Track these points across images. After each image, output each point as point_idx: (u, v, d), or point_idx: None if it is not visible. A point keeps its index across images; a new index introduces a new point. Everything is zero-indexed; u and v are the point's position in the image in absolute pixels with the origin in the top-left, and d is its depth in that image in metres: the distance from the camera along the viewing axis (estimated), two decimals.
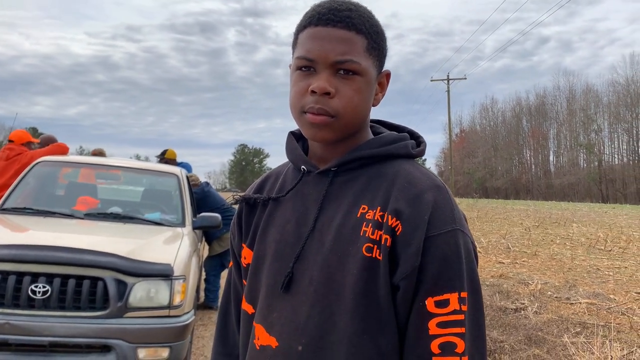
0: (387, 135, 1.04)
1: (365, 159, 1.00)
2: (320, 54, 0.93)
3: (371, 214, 0.94)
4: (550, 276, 7.55)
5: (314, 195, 1.01)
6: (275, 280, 1.00)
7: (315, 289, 0.94)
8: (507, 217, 18.27)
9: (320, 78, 0.94)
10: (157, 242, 3.76)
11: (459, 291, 0.89)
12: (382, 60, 1.02)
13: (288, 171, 1.11)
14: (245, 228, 1.12)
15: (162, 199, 5.07)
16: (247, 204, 1.13)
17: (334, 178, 1.01)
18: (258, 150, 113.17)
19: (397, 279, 0.90)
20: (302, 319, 0.94)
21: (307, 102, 0.95)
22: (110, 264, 3.18)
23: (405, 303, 0.91)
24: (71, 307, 3.10)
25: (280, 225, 1.03)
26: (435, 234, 0.89)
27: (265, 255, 1.04)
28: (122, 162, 5.43)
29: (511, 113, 66.78)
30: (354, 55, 0.94)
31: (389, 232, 0.91)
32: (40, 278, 3.10)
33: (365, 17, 0.98)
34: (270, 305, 1.00)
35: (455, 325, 0.88)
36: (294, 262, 0.97)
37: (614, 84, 54.13)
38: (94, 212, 4.36)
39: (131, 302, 3.19)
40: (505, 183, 63.91)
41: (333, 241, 0.95)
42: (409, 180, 0.96)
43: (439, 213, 0.91)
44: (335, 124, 0.95)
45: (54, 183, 5.01)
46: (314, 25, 0.96)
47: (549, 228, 14.20)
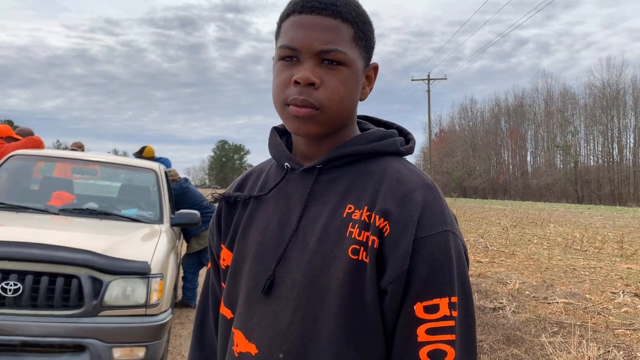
0: (374, 132, 0.99)
1: (352, 155, 0.95)
2: (304, 42, 0.88)
3: (357, 213, 0.89)
4: (528, 276, 7.62)
5: (297, 194, 0.95)
6: (255, 283, 0.94)
7: (298, 293, 0.88)
8: (485, 217, 18.45)
9: (304, 68, 0.88)
10: (134, 239, 3.68)
11: (450, 296, 0.84)
12: (370, 52, 0.97)
13: (271, 169, 1.05)
14: (224, 228, 1.06)
15: (139, 195, 4.97)
16: (227, 202, 1.06)
17: (318, 176, 0.95)
18: (238, 146, 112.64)
19: (385, 282, 0.85)
20: (284, 324, 0.89)
21: (291, 94, 0.89)
22: (85, 261, 3.09)
23: (393, 308, 0.85)
24: (44, 305, 3.01)
25: (261, 225, 0.97)
26: (425, 235, 0.84)
27: (245, 257, 0.98)
28: (99, 157, 5.31)
29: (490, 114, 67.54)
30: (340, 44, 0.89)
31: (376, 233, 0.86)
32: (12, 275, 3.00)
33: (352, 6, 0.93)
34: (250, 310, 0.94)
35: (445, 332, 0.83)
36: (276, 265, 0.91)
37: (591, 86, 55.11)
38: (69, 208, 4.25)
39: (107, 300, 3.11)
40: (483, 183, 64.62)
41: (317, 242, 0.89)
42: (397, 178, 0.90)
43: (429, 213, 0.86)
44: (320, 117, 0.89)
45: (28, 177, 4.88)
46: (297, 12, 0.90)
47: (526, 228, 14.37)
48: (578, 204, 38.92)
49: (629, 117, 51.96)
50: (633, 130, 51.20)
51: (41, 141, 5.58)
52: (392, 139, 0.98)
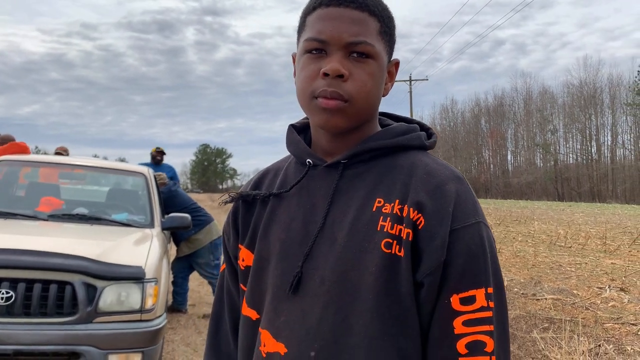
0: (398, 126, 0.99)
1: (377, 150, 0.94)
2: (333, 34, 0.87)
3: (388, 207, 0.88)
4: (516, 273, 7.70)
5: (322, 190, 0.94)
6: (282, 281, 0.92)
7: (328, 289, 0.87)
8: None
9: (332, 60, 0.87)
10: (126, 244, 3.63)
11: (486, 287, 0.84)
12: (392, 47, 0.97)
13: (289, 166, 1.04)
14: (242, 228, 1.04)
15: (129, 199, 4.92)
16: (245, 202, 1.04)
17: (343, 171, 0.94)
18: (220, 150, 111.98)
19: (421, 275, 0.85)
20: (314, 322, 0.87)
21: (319, 86, 0.88)
22: (79, 267, 3.04)
23: (429, 300, 0.85)
24: (37, 313, 2.96)
25: (284, 222, 0.96)
26: (459, 226, 0.85)
27: (269, 256, 0.96)
28: (86, 161, 5.24)
29: (470, 114, 68.12)
30: (368, 37, 0.89)
31: (411, 226, 0.85)
32: (3, 283, 2.94)
33: (377, 0, 0.93)
34: (277, 308, 0.92)
35: (483, 323, 0.83)
36: (303, 261, 0.90)
37: (569, 85, 55.86)
38: (58, 213, 4.19)
39: (101, 306, 3.07)
40: None
41: (347, 237, 0.88)
42: (427, 171, 0.90)
43: (462, 205, 0.86)
44: (348, 110, 0.89)
45: (14, 183, 4.80)
46: (325, 5, 0.90)
47: (510, 226, 14.51)
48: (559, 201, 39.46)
49: (606, 116, 52.84)
50: (610, 128, 52.07)
51: (26, 147, 5.49)
52: (416, 133, 0.98)
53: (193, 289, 6.59)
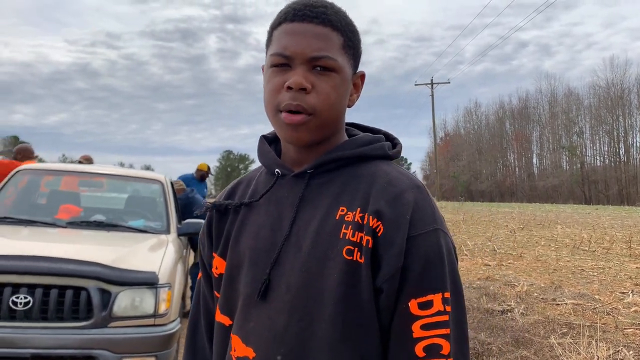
0: (362, 137, 1.02)
1: (342, 160, 0.97)
2: (297, 49, 0.91)
3: (350, 215, 0.91)
4: (536, 277, 7.60)
5: (289, 199, 0.97)
6: (251, 288, 0.95)
7: (294, 296, 0.90)
8: (492, 220, 18.38)
9: (296, 73, 0.91)
10: (141, 250, 3.71)
11: (443, 292, 0.87)
12: (357, 60, 1.00)
13: (260, 176, 1.07)
14: (216, 236, 1.08)
15: (146, 205, 5.01)
16: (218, 211, 1.08)
17: (309, 181, 0.97)
18: (243, 156, 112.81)
19: (380, 281, 0.87)
20: (281, 327, 0.90)
21: (283, 99, 0.91)
22: (94, 273, 3.12)
23: (389, 306, 0.88)
24: (54, 317, 3.04)
25: (253, 231, 0.99)
26: (417, 233, 0.87)
27: (239, 264, 0.99)
28: (105, 169, 5.36)
29: (494, 116, 67.40)
30: (331, 51, 0.92)
31: (370, 234, 0.88)
32: (22, 289, 3.04)
33: (341, 15, 0.96)
34: (247, 314, 0.95)
35: (440, 326, 0.85)
36: (270, 269, 0.93)
37: (595, 86, 54.88)
38: (76, 221, 4.29)
39: (115, 311, 3.14)
40: (490, 186, 64.41)
41: (311, 245, 0.91)
42: (388, 180, 0.93)
43: (420, 213, 0.89)
44: (312, 123, 0.92)
45: (36, 191, 4.93)
46: (289, 21, 0.93)
47: (533, 230, 14.31)
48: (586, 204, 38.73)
49: (634, 117, 51.73)
50: (639, 129, 50.98)
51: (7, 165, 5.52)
52: (379, 143, 1.01)
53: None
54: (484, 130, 69.71)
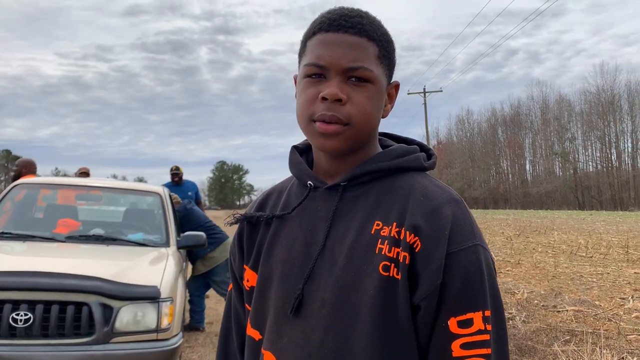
0: (397, 148, 0.99)
1: (377, 172, 0.95)
2: (332, 60, 0.89)
3: (386, 230, 0.88)
4: (536, 284, 7.59)
5: (322, 212, 0.95)
6: (283, 303, 0.93)
7: (329, 312, 0.88)
8: (487, 227, 18.40)
9: (331, 84, 0.89)
10: (142, 264, 3.67)
11: (483, 310, 0.84)
12: (392, 70, 0.98)
13: (292, 187, 1.05)
14: (247, 249, 1.05)
15: (144, 218, 4.97)
16: (249, 223, 1.05)
17: (343, 193, 0.95)
18: (237, 166, 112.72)
19: (418, 298, 0.85)
20: (316, 344, 0.88)
21: (317, 110, 0.90)
22: (95, 288, 3.08)
23: (427, 324, 0.85)
24: (55, 334, 2.99)
25: (286, 244, 0.97)
26: (456, 249, 0.85)
27: (271, 277, 0.97)
28: (103, 182, 5.31)
29: (487, 124, 67.76)
30: (366, 62, 0.90)
31: (407, 249, 0.86)
32: (22, 305, 2.98)
33: (376, 25, 0.94)
34: (280, 330, 0.93)
35: (481, 346, 0.83)
36: (304, 283, 0.91)
37: (586, 93, 55.33)
38: (75, 235, 4.24)
39: (117, 326, 3.09)
40: (483, 193, 64.61)
41: (346, 260, 0.89)
42: (424, 193, 0.90)
43: (458, 228, 0.86)
44: (347, 132, 0.90)
45: (33, 205, 4.88)
46: (324, 31, 0.92)
47: (530, 236, 14.34)
48: (579, 210, 38.86)
49: (625, 122, 52.18)
50: (630, 134, 51.35)
51: None
52: (415, 154, 0.98)
53: (210, 307, 6.61)
54: (476, 137, 70.05)
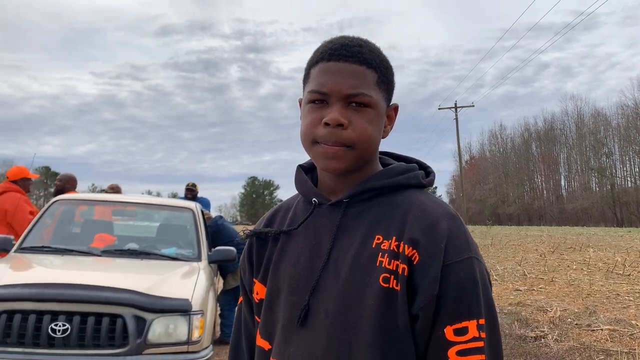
0: (397, 166, 1.06)
1: (377, 189, 1.01)
2: (334, 87, 0.96)
3: (386, 244, 0.94)
4: (569, 302, 7.43)
5: (326, 227, 1.01)
6: (290, 314, 0.99)
7: (332, 322, 0.94)
8: (521, 244, 18.07)
9: (333, 110, 0.95)
10: (174, 278, 3.77)
11: (477, 318, 0.89)
12: (391, 93, 1.05)
13: (298, 204, 1.11)
14: (256, 263, 1.12)
15: (177, 233, 5.10)
16: (258, 238, 1.12)
17: (346, 209, 1.01)
18: (268, 182, 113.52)
19: (416, 308, 0.90)
20: (320, 352, 0.94)
21: (320, 134, 0.96)
22: (129, 301, 3.19)
23: (424, 332, 0.90)
24: (91, 345, 3.10)
25: (293, 258, 1.03)
26: (452, 262, 0.90)
27: (279, 290, 1.03)
28: (138, 199, 5.48)
29: (520, 139, 66.76)
30: (365, 88, 0.97)
31: (406, 262, 0.91)
32: (60, 316, 3.11)
33: (376, 53, 1.01)
34: (287, 340, 0.99)
35: (475, 352, 0.88)
36: (310, 295, 0.97)
37: (623, 107, 54.02)
38: (111, 249, 4.39)
39: (150, 338, 3.19)
40: (517, 209, 63.42)
41: (349, 272, 0.95)
42: (422, 209, 0.96)
43: (454, 241, 0.92)
44: (349, 154, 0.96)
45: (71, 221, 5.06)
46: (326, 60, 0.99)
47: (564, 253, 14.02)
48: (618, 227, 37.78)
49: None
50: None
51: None
52: (413, 172, 1.05)
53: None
54: (509, 153, 69.04)
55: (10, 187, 5.47)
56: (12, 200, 5.29)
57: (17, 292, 3.14)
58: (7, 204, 5.26)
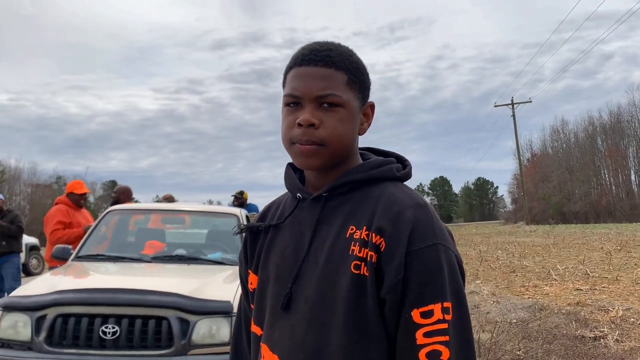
0: (373, 161, 1.12)
1: (353, 183, 1.07)
2: (305, 90, 1.03)
3: (358, 233, 1.01)
4: (634, 302, 7.09)
5: (308, 220, 1.09)
6: (276, 301, 1.07)
7: (311, 307, 1.01)
8: (585, 242, 17.36)
9: (305, 112, 1.03)
10: (217, 281, 3.90)
11: (442, 301, 0.93)
12: (365, 92, 1.11)
13: (287, 200, 1.20)
14: (250, 255, 1.21)
15: (223, 239, 5.25)
16: (251, 232, 1.21)
17: (326, 203, 1.08)
18: None
19: (383, 292, 0.96)
20: (300, 335, 1.01)
21: (295, 134, 1.04)
22: (173, 303, 3.33)
23: (393, 315, 0.96)
24: (139, 346, 3.25)
25: (280, 250, 1.12)
26: (416, 248, 0.95)
27: (268, 279, 1.12)
28: (185, 206, 5.69)
29: (584, 133, 63.95)
30: (335, 89, 1.03)
31: (374, 249, 0.97)
32: (110, 319, 3.28)
33: (345, 55, 1.08)
34: (273, 325, 1.07)
35: (440, 334, 0.92)
36: (292, 283, 1.05)
37: None
38: (160, 255, 4.58)
39: (194, 339, 3.31)
40: (584, 206, 60.77)
41: (325, 261, 1.02)
42: (392, 200, 1.02)
43: (419, 229, 0.97)
44: (323, 152, 1.03)
45: (125, 229, 5.31)
46: (297, 65, 1.07)
47: (632, 251, 13.35)
48: None
49: None
50: None
51: None
52: (388, 166, 1.11)
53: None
54: (573, 148, 66.30)
55: (60, 199, 5.85)
56: (49, 211, 5.67)
57: (70, 297, 3.35)
58: (46, 215, 5.66)
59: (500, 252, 15.85)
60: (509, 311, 6.84)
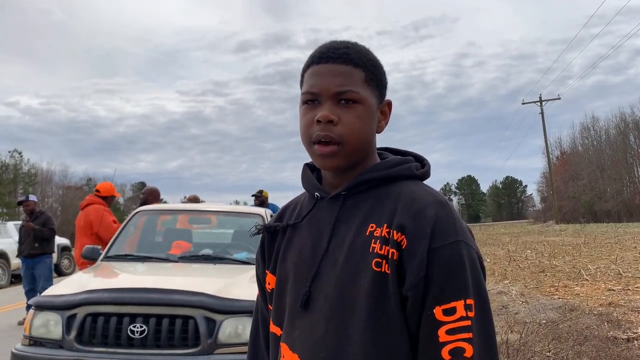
0: (391, 159, 1.11)
1: (372, 181, 1.07)
2: (322, 87, 1.04)
3: (379, 231, 1.01)
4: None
5: (327, 219, 1.09)
6: (295, 300, 1.07)
7: (331, 305, 1.01)
8: (618, 242, 16.95)
9: (323, 108, 1.04)
10: (243, 280, 3.92)
11: (465, 298, 0.93)
12: (382, 90, 1.11)
13: (305, 199, 1.20)
14: (267, 255, 1.21)
15: (249, 238, 5.27)
16: (269, 232, 1.21)
17: (344, 202, 1.08)
18: None
19: (405, 290, 0.95)
20: (320, 334, 1.01)
21: (314, 131, 1.04)
22: (200, 303, 3.36)
23: (415, 313, 0.95)
24: (166, 345, 3.29)
25: (298, 249, 1.12)
26: (438, 245, 0.95)
27: (287, 278, 1.12)
28: (212, 207, 5.75)
29: (616, 130, 62.47)
30: (353, 86, 1.04)
31: (395, 247, 0.97)
32: (138, 318, 3.33)
33: (363, 53, 1.08)
34: (293, 324, 1.07)
35: (463, 331, 0.91)
36: (311, 282, 1.05)
37: None
38: (187, 255, 4.64)
39: (220, 338, 3.34)
40: (616, 205, 59.39)
41: (345, 259, 1.02)
42: (412, 197, 1.02)
43: (441, 226, 0.96)
44: (341, 151, 1.03)
45: (152, 230, 5.39)
46: (315, 63, 1.07)
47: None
48: None
49: None
50: None
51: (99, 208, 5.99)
52: (407, 164, 1.10)
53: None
54: (604, 146, 64.84)
55: (94, 199, 5.96)
56: (96, 212, 5.77)
57: (99, 296, 3.41)
58: (92, 216, 5.75)
59: (529, 252, 15.60)
60: (538, 312, 6.72)
